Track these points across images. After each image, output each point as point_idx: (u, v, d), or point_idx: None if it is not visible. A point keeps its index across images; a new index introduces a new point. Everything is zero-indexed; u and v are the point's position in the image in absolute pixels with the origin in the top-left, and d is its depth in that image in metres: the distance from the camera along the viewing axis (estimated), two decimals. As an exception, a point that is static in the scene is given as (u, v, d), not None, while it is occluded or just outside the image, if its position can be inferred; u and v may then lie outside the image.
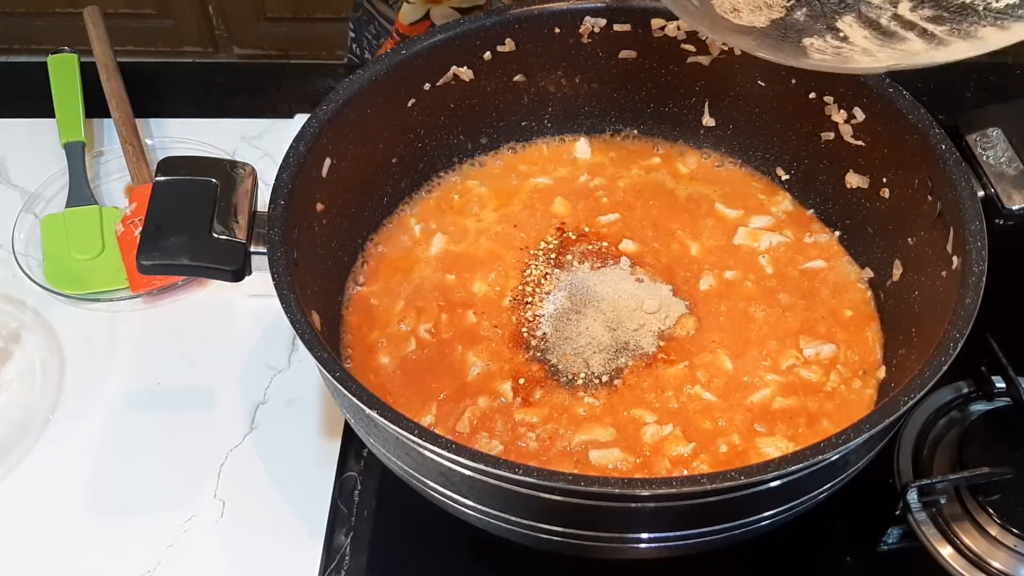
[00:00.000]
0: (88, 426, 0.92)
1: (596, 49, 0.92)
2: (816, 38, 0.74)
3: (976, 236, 0.74)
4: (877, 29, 0.74)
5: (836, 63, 0.74)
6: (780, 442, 0.79)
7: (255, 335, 0.98)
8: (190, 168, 0.77)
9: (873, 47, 0.74)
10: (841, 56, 0.74)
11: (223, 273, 0.74)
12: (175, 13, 2.38)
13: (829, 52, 0.74)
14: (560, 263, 0.91)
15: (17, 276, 1.00)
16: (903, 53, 0.73)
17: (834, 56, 0.74)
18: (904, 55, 0.73)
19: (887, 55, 0.73)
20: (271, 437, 0.91)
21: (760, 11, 0.76)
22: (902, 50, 0.73)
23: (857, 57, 0.74)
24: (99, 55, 1.16)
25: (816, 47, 0.74)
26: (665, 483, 0.66)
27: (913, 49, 0.73)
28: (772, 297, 0.89)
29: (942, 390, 0.90)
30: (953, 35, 0.72)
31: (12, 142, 1.14)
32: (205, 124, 1.14)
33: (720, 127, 0.97)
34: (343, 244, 0.89)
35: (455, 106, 0.93)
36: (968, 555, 0.81)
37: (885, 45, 0.73)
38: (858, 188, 0.89)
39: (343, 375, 0.68)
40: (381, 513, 0.87)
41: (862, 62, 0.74)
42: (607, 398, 0.82)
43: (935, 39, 0.72)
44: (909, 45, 0.73)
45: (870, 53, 0.74)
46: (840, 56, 0.74)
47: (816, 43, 0.74)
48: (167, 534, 0.85)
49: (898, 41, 0.74)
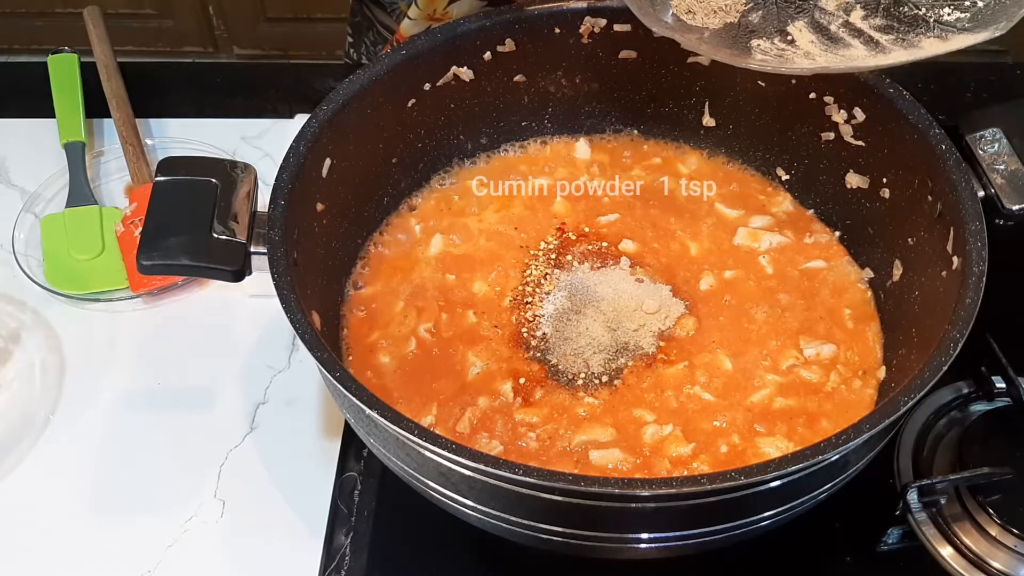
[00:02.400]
0: (88, 426, 0.92)
1: (596, 49, 0.92)
2: (764, 40, 0.77)
3: (976, 236, 0.74)
4: (825, 34, 0.78)
5: (775, 64, 0.77)
6: (780, 442, 0.79)
7: (255, 335, 0.98)
8: (190, 168, 0.77)
9: (816, 51, 0.77)
10: (783, 58, 0.77)
11: (223, 273, 0.74)
12: (175, 13, 2.38)
13: (772, 54, 0.77)
14: (560, 263, 0.91)
15: (17, 276, 1.00)
16: (842, 58, 0.76)
17: (775, 58, 0.77)
18: (842, 60, 0.76)
19: (826, 59, 0.76)
20: (271, 437, 0.91)
21: (715, 15, 0.79)
22: (842, 55, 0.77)
23: (796, 60, 0.77)
24: (99, 55, 1.16)
25: (761, 48, 0.77)
26: (665, 483, 0.66)
27: (853, 55, 0.77)
28: (772, 297, 0.89)
29: (942, 390, 0.90)
30: (896, 44, 0.76)
31: (12, 142, 1.14)
32: (205, 124, 1.14)
33: (720, 127, 0.97)
34: (343, 244, 0.89)
35: (455, 106, 0.93)
36: (968, 555, 0.81)
37: (828, 50, 0.77)
38: (858, 188, 0.89)
39: (343, 375, 0.68)
40: (381, 513, 0.87)
41: (800, 64, 0.77)
42: (607, 398, 0.82)
43: (878, 47, 0.76)
44: (851, 51, 0.77)
45: (811, 56, 0.77)
46: (781, 58, 0.77)
47: (763, 44, 0.77)
48: (167, 534, 0.85)
49: (842, 47, 0.77)
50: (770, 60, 0.77)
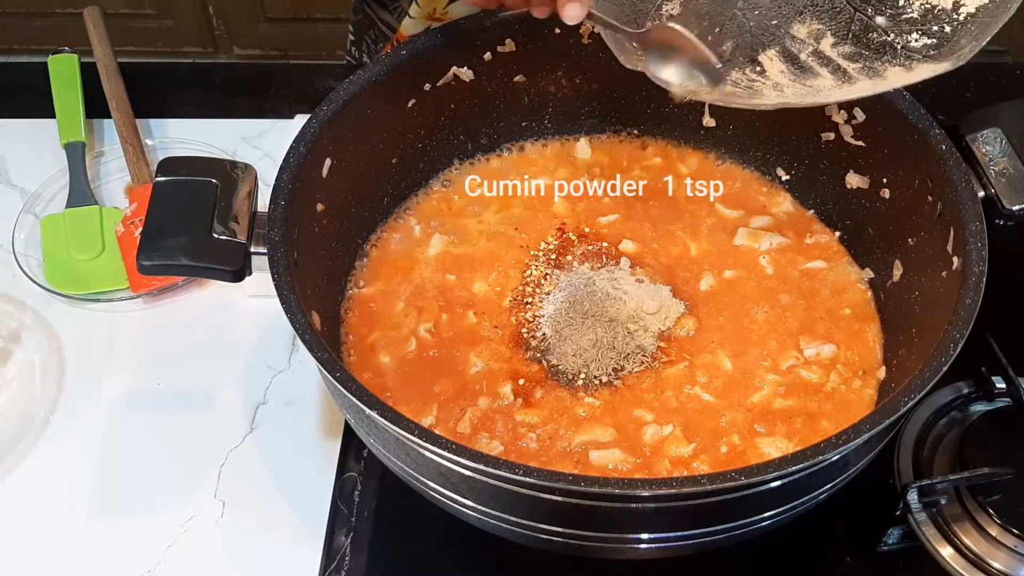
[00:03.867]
0: (88, 426, 0.92)
1: (596, 49, 0.92)
2: (736, 71, 0.77)
3: (976, 236, 0.74)
4: (795, 64, 0.78)
5: (744, 97, 0.77)
6: (780, 442, 0.79)
7: (255, 335, 0.98)
8: (190, 168, 0.77)
9: (785, 81, 0.77)
10: (752, 89, 0.77)
11: (223, 273, 0.74)
12: (175, 13, 2.38)
13: (743, 84, 0.77)
14: (560, 263, 0.91)
15: (17, 276, 1.00)
16: (809, 89, 0.77)
17: (745, 89, 0.77)
18: (809, 91, 0.77)
19: (793, 91, 0.77)
20: (271, 437, 0.91)
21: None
22: (810, 86, 0.77)
23: (766, 91, 0.77)
24: (99, 55, 1.16)
25: (732, 79, 0.77)
26: (665, 483, 0.66)
27: (821, 85, 0.77)
28: (772, 297, 0.89)
29: (942, 390, 0.90)
30: (862, 73, 0.76)
31: (12, 142, 1.14)
32: (205, 124, 1.14)
33: (720, 127, 0.97)
34: (343, 244, 0.89)
35: (455, 106, 0.93)
36: (968, 555, 0.81)
37: (797, 80, 0.77)
38: (858, 188, 0.89)
39: (343, 375, 0.68)
40: (381, 513, 0.87)
41: (769, 97, 0.77)
42: (607, 398, 0.82)
43: (845, 76, 0.76)
44: (819, 81, 0.77)
45: (780, 88, 0.77)
46: (751, 89, 0.77)
47: (734, 75, 0.77)
48: (167, 534, 0.85)
49: (811, 77, 0.77)
50: (739, 92, 0.77)
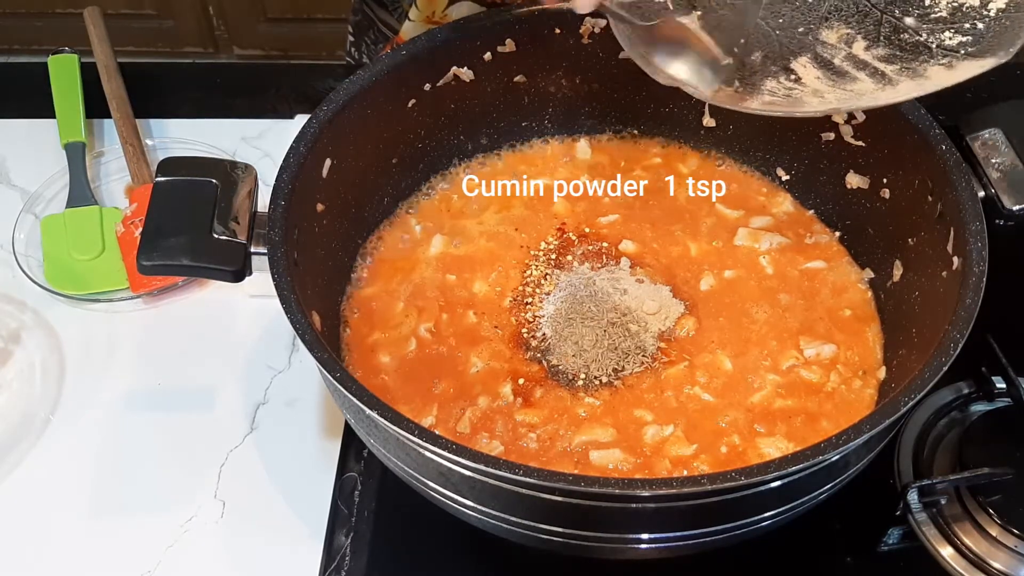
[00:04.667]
0: (88, 426, 0.92)
1: (596, 49, 0.92)
2: (770, 79, 0.75)
3: (976, 236, 0.74)
4: (830, 69, 0.75)
5: (786, 105, 0.75)
6: (780, 442, 0.79)
7: (255, 335, 0.98)
8: (190, 169, 0.77)
9: (824, 87, 0.75)
10: (792, 98, 0.75)
11: (223, 273, 0.74)
12: (175, 13, 2.38)
13: (780, 94, 0.75)
14: (560, 264, 0.91)
15: (17, 276, 1.00)
16: (851, 94, 0.74)
17: (784, 98, 0.75)
18: (852, 96, 0.74)
19: (835, 96, 0.74)
20: (271, 437, 0.91)
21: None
22: (851, 90, 0.74)
23: (807, 99, 0.75)
24: (99, 55, 1.16)
25: (768, 88, 0.75)
26: (665, 483, 0.66)
27: (862, 89, 0.74)
28: (772, 297, 0.89)
29: (942, 391, 0.90)
30: (903, 75, 0.74)
31: (12, 142, 1.14)
32: (205, 124, 1.14)
33: (720, 127, 0.97)
34: (343, 244, 0.89)
35: (455, 107, 0.93)
36: (968, 556, 0.81)
37: (836, 86, 0.75)
38: (858, 188, 0.89)
39: (343, 375, 0.68)
40: (381, 513, 0.87)
41: (811, 104, 0.75)
42: (607, 398, 0.82)
43: (885, 78, 0.74)
44: (859, 85, 0.75)
45: (820, 94, 0.75)
46: (791, 98, 0.75)
47: (769, 84, 0.75)
48: (167, 534, 0.85)
49: (849, 81, 0.75)
50: (779, 101, 0.75)
